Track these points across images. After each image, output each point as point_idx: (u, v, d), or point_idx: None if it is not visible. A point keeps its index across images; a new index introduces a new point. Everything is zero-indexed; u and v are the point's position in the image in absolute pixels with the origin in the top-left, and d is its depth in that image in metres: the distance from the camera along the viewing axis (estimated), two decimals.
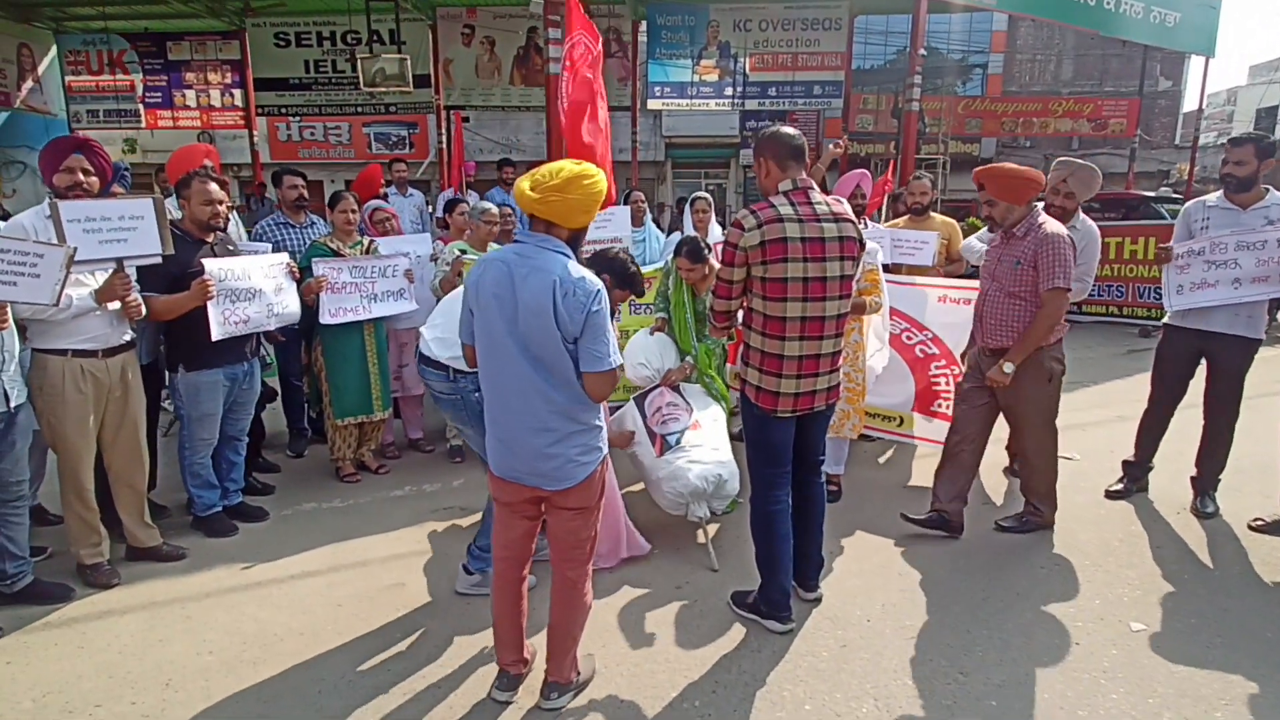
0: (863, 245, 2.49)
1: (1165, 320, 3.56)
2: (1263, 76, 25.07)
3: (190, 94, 12.78)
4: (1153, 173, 18.69)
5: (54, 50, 13.11)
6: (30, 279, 2.37)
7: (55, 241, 2.45)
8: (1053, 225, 3.01)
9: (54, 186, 2.68)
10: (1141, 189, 15.61)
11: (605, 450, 2.11)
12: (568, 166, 1.91)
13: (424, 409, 4.48)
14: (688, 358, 3.65)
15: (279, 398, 4.35)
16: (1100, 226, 3.72)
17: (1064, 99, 16.60)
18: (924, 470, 4.06)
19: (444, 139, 13.67)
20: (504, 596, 2.20)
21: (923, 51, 9.00)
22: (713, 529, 3.11)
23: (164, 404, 3.67)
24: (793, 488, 2.64)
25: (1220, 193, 3.39)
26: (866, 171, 4.40)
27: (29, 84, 12.70)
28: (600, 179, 1.95)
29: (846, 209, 2.45)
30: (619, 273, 2.58)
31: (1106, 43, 13.24)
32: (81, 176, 2.70)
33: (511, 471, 2.03)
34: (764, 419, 2.50)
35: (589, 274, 1.92)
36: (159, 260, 2.71)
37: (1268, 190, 3.32)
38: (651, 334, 3.75)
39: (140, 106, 12.94)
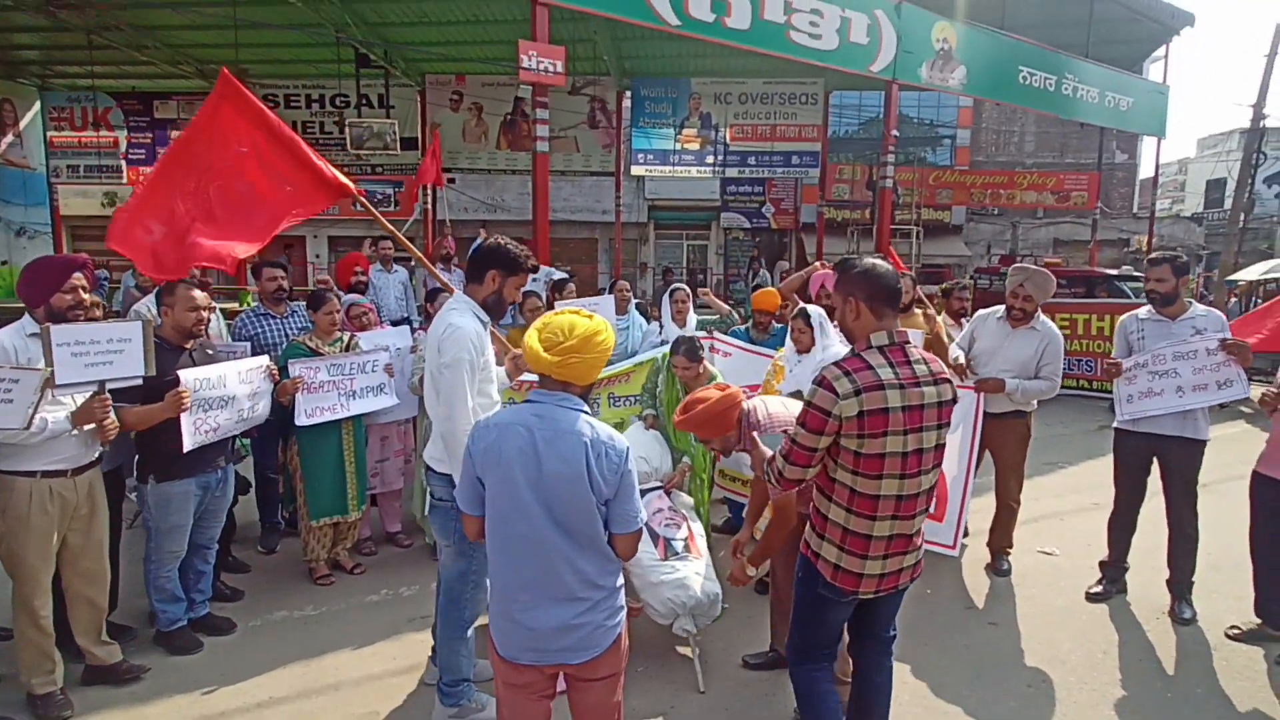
0: (955, 402, 2.16)
1: (1116, 424, 3.71)
2: (1209, 149, 26.63)
3: None
4: (1114, 240, 19.56)
5: (37, 105, 13.15)
6: (2, 404, 2.31)
7: (34, 365, 2.40)
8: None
9: (51, 305, 2.62)
10: (1104, 257, 16.26)
11: (625, 609, 1.95)
12: (579, 324, 1.80)
13: (402, 500, 4.40)
14: (685, 458, 3.62)
15: (251, 489, 4.23)
16: (1068, 303, 3.79)
17: (1029, 172, 17.46)
18: None
19: (429, 199, 13.84)
20: None
21: (895, 132, 9.48)
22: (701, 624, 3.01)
23: (129, 494, 3.53)
24: (855, 666, 2.35)
25: (1149, 307, 3.64)
26: (829, 271, 4.49)
27: (9, 138, 12.68)
28: (609, 334, 1.84)
29: (944, 367, 2.16)
30: (505, 259, 2.47)
31: (1067, 120, 14.04)
32: (84, 295, 2.67)
33: (529, 654, 1.83)
34: (827, 601, 2.16)
35: (615, 432, 1.84)
36: (140, 382, 2.67)
37: (1190, 304, 3.59)
38: (646, 429, 3.72)
39: (123, 163, 12.95)
